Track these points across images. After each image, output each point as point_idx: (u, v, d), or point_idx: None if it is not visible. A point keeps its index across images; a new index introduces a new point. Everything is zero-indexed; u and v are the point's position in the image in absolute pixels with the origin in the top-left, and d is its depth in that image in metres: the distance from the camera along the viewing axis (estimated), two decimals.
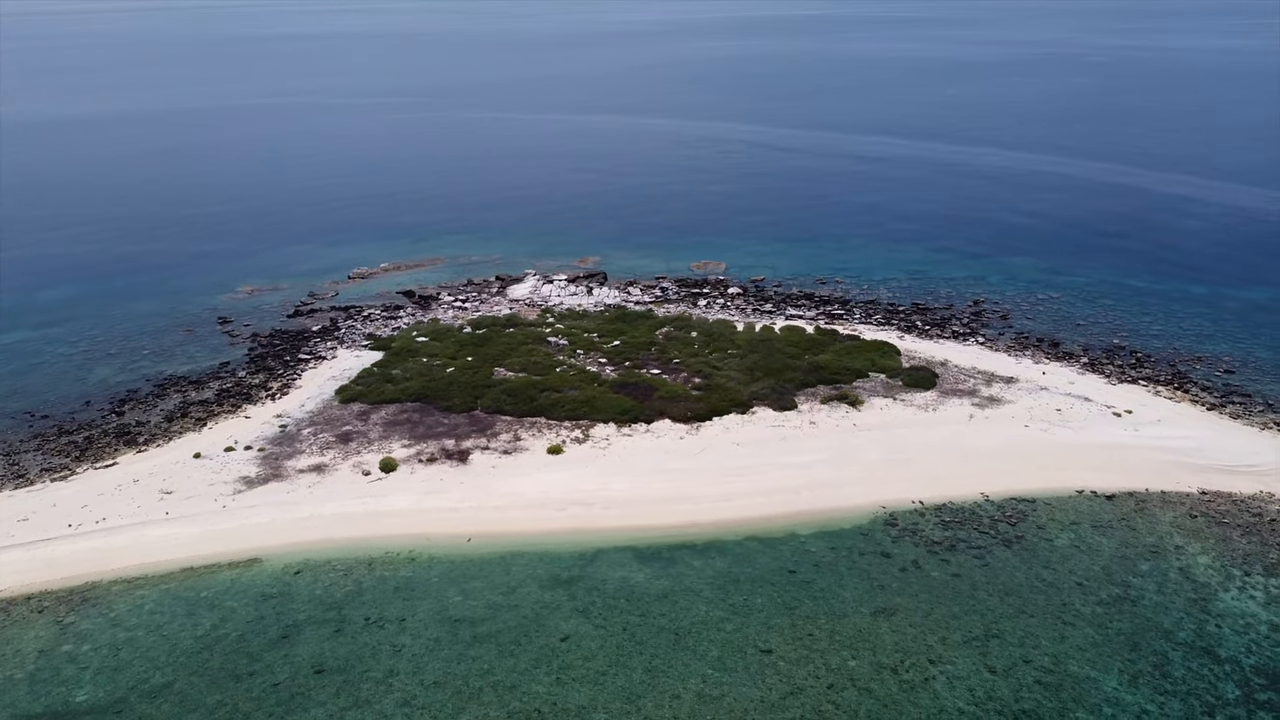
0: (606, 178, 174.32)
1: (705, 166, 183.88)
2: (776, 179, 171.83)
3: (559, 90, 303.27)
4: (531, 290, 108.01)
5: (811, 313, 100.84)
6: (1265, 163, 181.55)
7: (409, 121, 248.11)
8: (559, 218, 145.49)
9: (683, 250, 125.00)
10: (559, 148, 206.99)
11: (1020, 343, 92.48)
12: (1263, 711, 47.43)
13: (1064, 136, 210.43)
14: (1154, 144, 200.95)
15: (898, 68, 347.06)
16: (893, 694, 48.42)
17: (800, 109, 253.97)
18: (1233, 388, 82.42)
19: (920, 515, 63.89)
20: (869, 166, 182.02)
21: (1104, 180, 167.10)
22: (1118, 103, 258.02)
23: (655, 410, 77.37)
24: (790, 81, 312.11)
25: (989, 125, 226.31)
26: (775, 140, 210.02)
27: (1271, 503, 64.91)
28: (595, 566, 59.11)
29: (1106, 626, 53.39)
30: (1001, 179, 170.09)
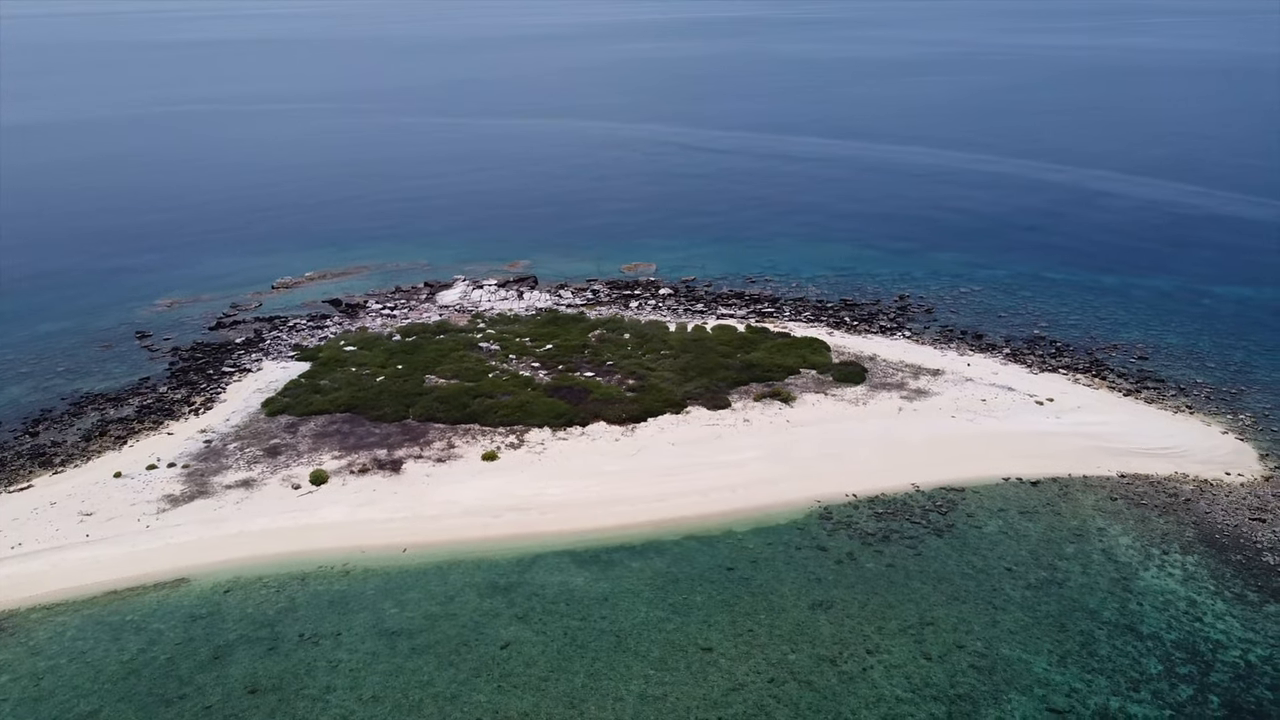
0: (535, 181, 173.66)
1: (633, 168, 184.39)
2: (704, 180, 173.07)
3: (482, 94, 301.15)
4: (461, 296, 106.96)
5: (742, 311, 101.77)
6: (1168, 156, 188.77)
7: (329, 128, 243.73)
8: (487, 222, 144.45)
9: (613, 252, 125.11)
10: (485, 151, 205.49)
11: (945, 335, 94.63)
12: (1184, 684, 49.25)
13: (980, 134, 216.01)
14: (1064, 140, 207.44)
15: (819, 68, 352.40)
16: (832, 685, 49.09)
17: (725, 110, 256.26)
18: (1146, 373, 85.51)
19: (854, 508, 64.91)
20: (793, 166, 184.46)
21: (1018, 175, 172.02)
22: (1030, 100, 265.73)
23: (590, 413, 77.24)
24: (715, 83, 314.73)
25: (908, 123, 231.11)
26: (701, 141, 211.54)
27: (1186, 483, 67.46)
28: (534, 572, 58.77)
29: (1035, 609, 54.90)
30: (922, 176, 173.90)
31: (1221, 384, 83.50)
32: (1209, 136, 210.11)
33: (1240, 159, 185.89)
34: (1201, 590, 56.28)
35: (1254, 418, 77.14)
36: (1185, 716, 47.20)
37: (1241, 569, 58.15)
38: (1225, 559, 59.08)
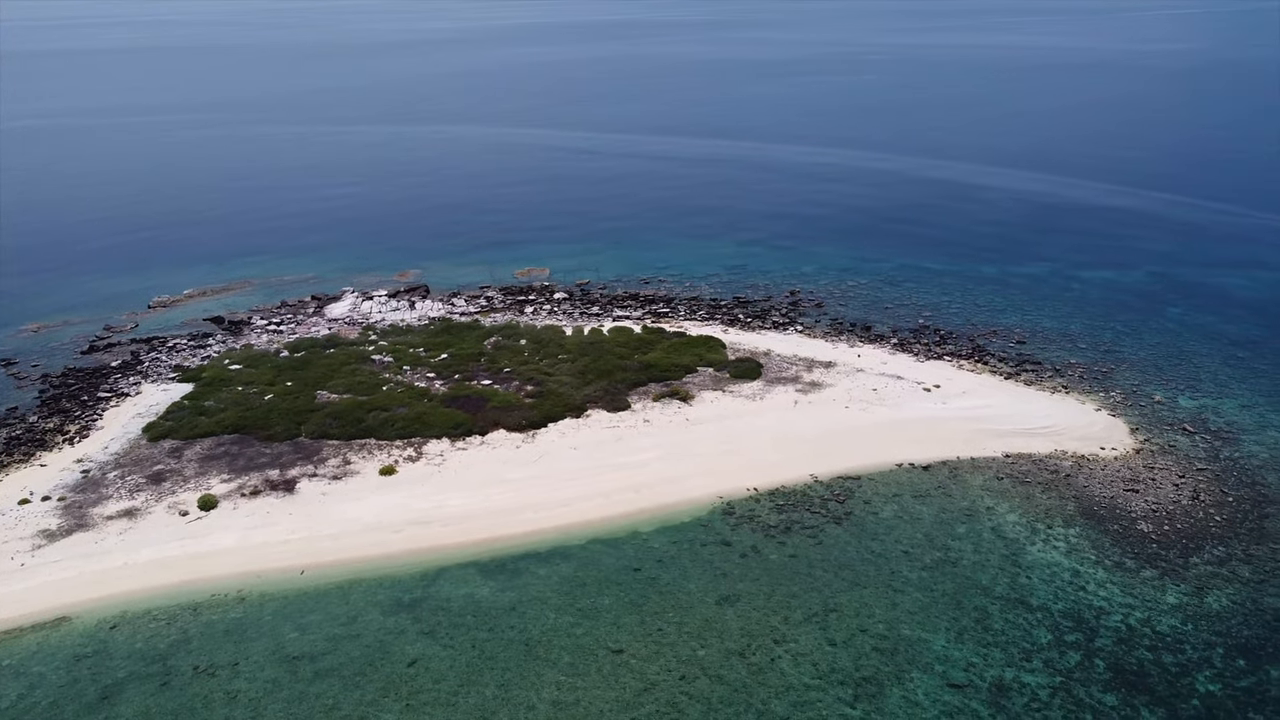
0: (420, 189, 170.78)
1: (521, 173, 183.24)
2: (594, 183, 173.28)
3: (360, 101, 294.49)
4: (351, 308, 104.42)
5: (638, 313, 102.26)
6: (1035, 148, 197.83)
7: (196, 140, 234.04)
8: (374, 232, 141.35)
9: (505, 258, 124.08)
10: (366, 160, 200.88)
11: (836, 328, 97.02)
12: (1072, 651, 51.68)
13: (860, 132, 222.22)
14: (941, 136, 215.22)
15: (702, 70, 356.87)
16: (742, 678, 49.73)
17: (610, 113, 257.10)
18: (1025, 356, 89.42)
19: (756, 502, 65.91)
20: (682, 167, 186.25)
21: (899, 171, 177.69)
22: (906, 98, 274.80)
23: (489, 421, 76.41)
24: (599, 86, 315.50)
25: (792, 123, 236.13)
26: (588, 144, 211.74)
27: (1065, 460, 70.78)
28: (439, 586, 57.78)
29: (932, 589, 56.76)
30: (806, 174, 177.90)
31: (1093, 363, 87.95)
32: (1072, 130, 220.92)
33: (1101, 150, 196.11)
34: (1084, 561, 59.13)
35: (1124, 394, 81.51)
36: (1074, 682, 49.51)
37: (1119, 538, 61.33)
38: (1104, 529, 62.23)
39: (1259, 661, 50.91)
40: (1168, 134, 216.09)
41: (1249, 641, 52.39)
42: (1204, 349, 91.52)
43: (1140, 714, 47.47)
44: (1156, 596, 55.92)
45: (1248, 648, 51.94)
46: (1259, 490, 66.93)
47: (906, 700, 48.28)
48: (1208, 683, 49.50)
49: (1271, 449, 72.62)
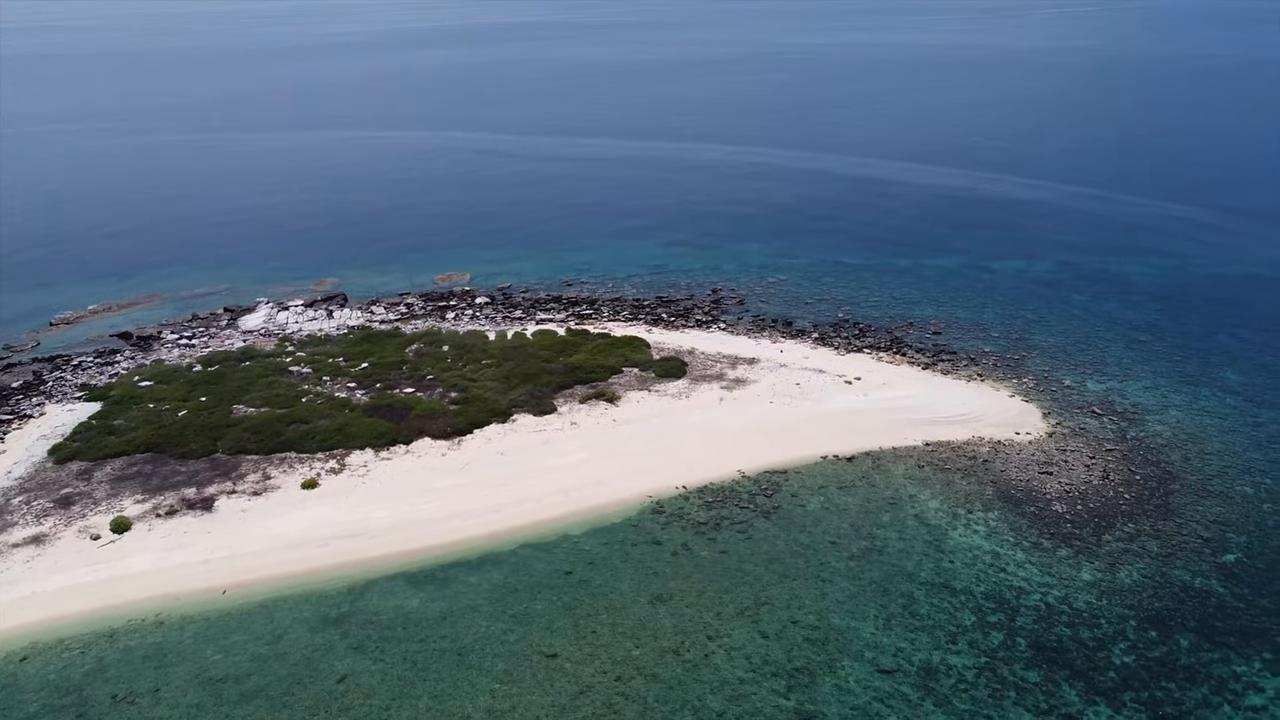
0: (334, 195, 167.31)
1: (438, 177, 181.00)
2: (511, 186, 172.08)
3: (268, 107, 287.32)
4: (266, 319, 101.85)
5: (561, 315, 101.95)
6: (945, 144, 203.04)
7: (98, 150, 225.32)
8: (288, 241, 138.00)
9: (425, 264, 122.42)
10: (277, 167, 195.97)
11: (758, 325, 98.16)
12: (995, 631, 53.22)
13: (774, 130, 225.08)
14: (853, 132, 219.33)
15: (617, 71, 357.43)
16: (677, 675, 49.97)
17: (527, 115, 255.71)
18: (941, 347, 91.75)
19: (685, 500, 66.29)
20: (598, 168, 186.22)
21: (814, 168, 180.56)
22: (819, 96, 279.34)
23: (413, 430, 75.32)
24: (514, 88, 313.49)
25: (707, 122, 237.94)
26: (506, 147, 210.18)
27: (983, 446, 72.83)
28: (367, 599, 56.75)
29: (859, 577, 57.85)
30: (722, 172, 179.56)
31: (1006, 351, 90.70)
32: (978, 125, 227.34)
33: (1007, 144, 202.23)
34: (1003, 543, 60.94)
35: (1035, 380, 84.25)
36: (998, 661, 50.98)
37: (1035, 519, 63.36)
38: (1021, 512, 64.22)
39: (1169, 632, 53.13)
40: (1067, 128, 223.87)
41: (1159, 613, 54.64)
42: (1108, 334, 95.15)
43: (1061, 689, 49.10)
44: (1072, 574, 57.92)
45: (1158, 619, 54.16)
46: (1164, 468, 69.86)
47: (838, 688, 49.12)
48: (1123, 655, 51.47)
49: (1173, 428, 75.87)
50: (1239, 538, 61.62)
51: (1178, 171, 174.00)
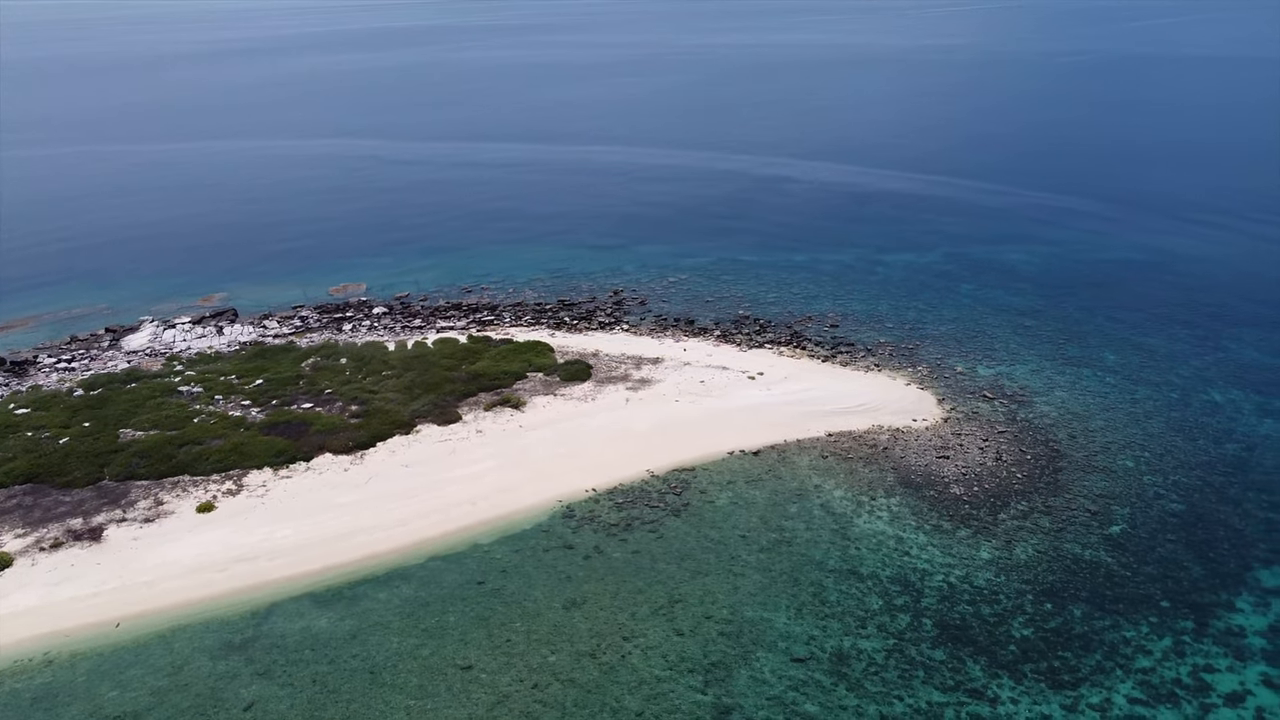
0: (221, 208, 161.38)
1: (329, 186, 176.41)
2: (407, 192, 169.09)
3: (147, 117, 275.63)
4: (151, 339, 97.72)
5: (462, 322, 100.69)
6: (835, 141, 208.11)
7: None
8: (171, 256, 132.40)
9: (318, 275, 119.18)
10: (158, 179, 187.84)
11: (661, 324, 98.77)
12: (902, 614, 54.71)
13: (670, 130, 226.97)
14: (746, 131, 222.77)
15: (511, 74, 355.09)
16: (595, 679, 49.86)
17: (420, 120, 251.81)
18: (839, 339, 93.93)
19: (595, 502, 66.21)
20: (496, 172, 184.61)
21: (709, 167, 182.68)
22: (712, 96, 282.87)
23: (313, 446, 73.31)
24: (407, 93, 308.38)
25: (603, 124, 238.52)
26: (399, 153, 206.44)
27: (882, 434, 74.81)
28: (271, 623, 54.96)
29: (770, 569, 58.72)
30: (620, 173, 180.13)
31: (900, 341, 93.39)
32: (867, 122, 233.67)
33: (894, 140, 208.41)
34: (906, 527, 62.70)
35: (929, 368, 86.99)
36: (906, 642, 52.43)
37: (935, 503, 65.40)
38: (921, 496, 66.20)
39: (1063, 603, 55.50)
40: (952, 124, 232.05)
41: (1053, 586, 57.03)
42: (995, 321, 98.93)
43: (966, 665, 50.78)
44: (972, 554, 59.98)
45: (1053, 591, 56.52)
46: (1052, 447, 72.98)
47: (754, 679, 49.76)
48: (1022, 628, 53.53)
49: (1059, 408, 79.34)
50: (1123, 509, 64.79)
51: (1054, 163, 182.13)
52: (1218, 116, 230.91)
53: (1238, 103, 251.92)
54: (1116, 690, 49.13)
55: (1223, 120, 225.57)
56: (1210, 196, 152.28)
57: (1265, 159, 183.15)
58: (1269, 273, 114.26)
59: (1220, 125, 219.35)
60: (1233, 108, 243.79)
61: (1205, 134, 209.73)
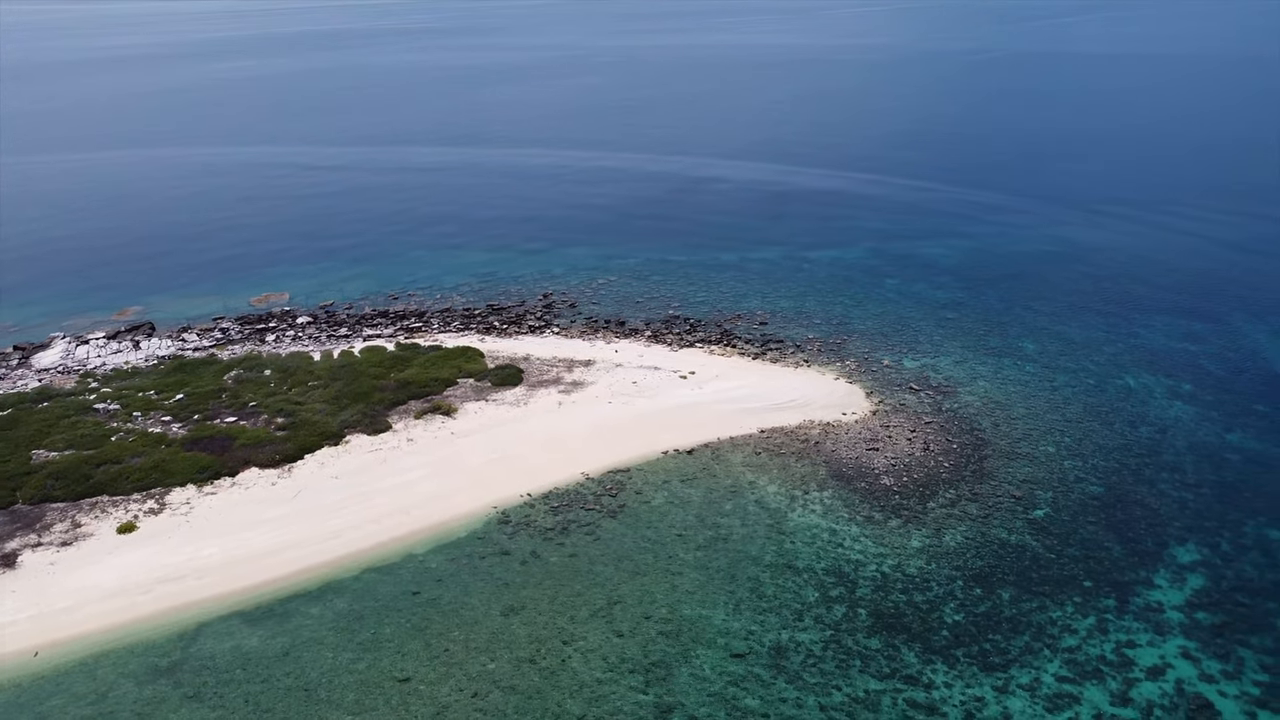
0: (132, 219, 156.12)
1: (247, 194, 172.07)
2: (328, 199, 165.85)
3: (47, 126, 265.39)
4: (64, 355, 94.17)
5: (390, 330, 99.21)
6: (759, 140, 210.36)
7: None
8: (82, 270, 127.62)
9: (239, 286, 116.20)
10: (63, 190, 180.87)
11: (591, 327, 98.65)
12: (837, 605, 55.54)
13: (594, 132, 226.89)
14: (671, 132, 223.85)
15: (429, 78, 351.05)
16: (535, 684, 49.57)
17: (335, 125, 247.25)
18: (768, 336, 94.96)
19: (531, 507, 65.83)
20: (419, 177, 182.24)
21: (635, 169, 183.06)
22: (634, 97, 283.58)
23: (238, 460, 71.47)
24: (324, 99, 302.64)
25: (526, 127, 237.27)
26: (318, 160, 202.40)
27: (814, 429, 75.84)
28: (200, 643, 53.41)
29: (707, 567, 59.07)
30: (544, 176, 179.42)
31: (828, 337, 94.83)
32: (789, 121, 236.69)
33: (816, 138, 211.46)
34: (839, 519, 63.68)
35: (857, 362, 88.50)
36: (842, 632, 53.25)
37: (866, 494, 66.55)
38: (853, 488, 67.29)
39: (992, 587, 56.96)
40: (872, 120, 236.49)
41: (982, 570, 58.50)
42: (919, 314, 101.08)
43: (900, 652, 51.77)
44: (903, 543, 61.18)
45: (981, 576, 57.97)
46: (977, 435, 74.84)
47: (694, 677, 50.01)
48: (953, 613, 54.78)
49: (982, 397, 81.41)
50: (1046, 494, 66.78)
51: (968, 159, 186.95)
52: (1118, 111, 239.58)
53: (1136, 97, 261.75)
54: (1045, 670, 50.61)
55: (1123, 114, 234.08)
56: (1115, 188, 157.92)
57: (1164, 151, 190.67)
58: (1173, 261, 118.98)
59: (1121, 119, 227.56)
60: (1131, 102, 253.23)
61: (1108, 128, 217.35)
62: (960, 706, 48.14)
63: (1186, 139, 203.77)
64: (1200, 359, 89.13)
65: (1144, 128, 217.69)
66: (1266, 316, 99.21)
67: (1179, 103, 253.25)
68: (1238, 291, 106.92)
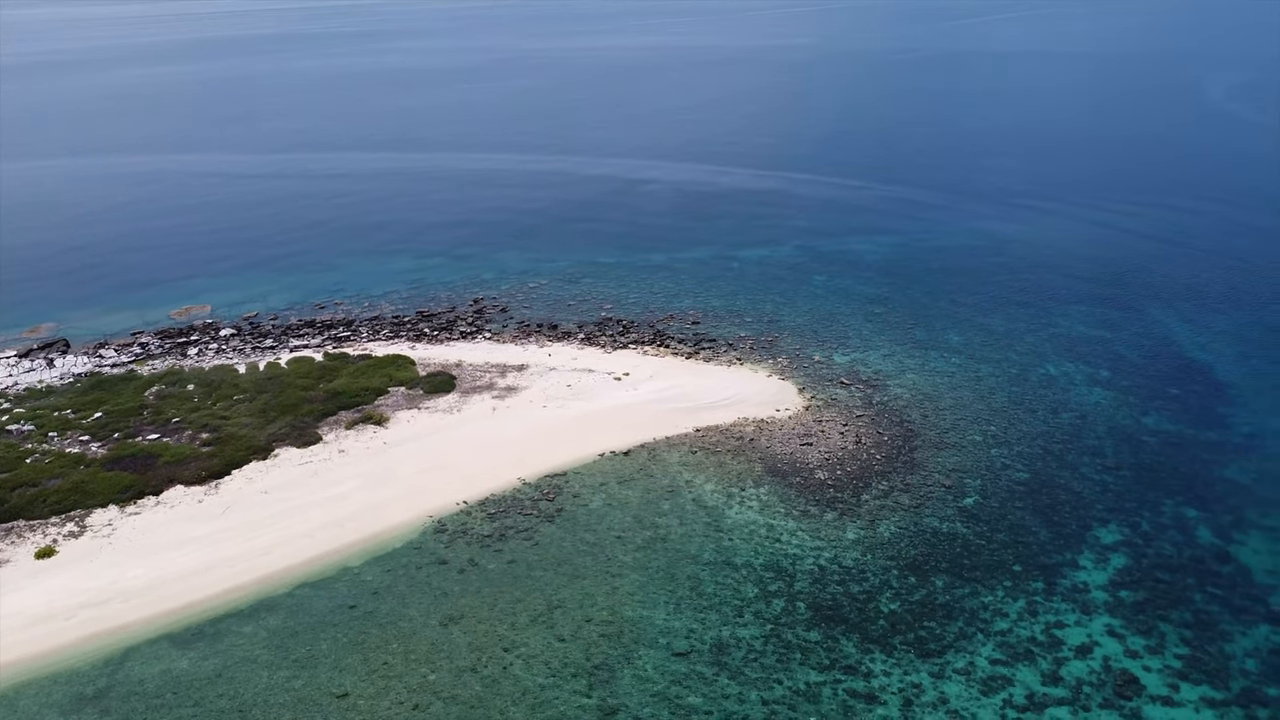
0: (41, 232, 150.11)
1: (161, 205, 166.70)
2: (248, 208, 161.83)
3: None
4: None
5: (317, 340, 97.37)
6: (687, 141, 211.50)
7: None
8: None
9: (158, 299, 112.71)
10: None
11: (524, 331, 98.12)
12: (776, 599, 56.13)
13: (523, 135, 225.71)
14: (599, 134, 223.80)
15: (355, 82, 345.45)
16: (477, 693, 49.10)
17: (260, 132, 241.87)
18: (701, 336, 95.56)
19: (467, 515, 65.20)
20: (340, 183, 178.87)
21: (564, 171, 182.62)
22: (565, 100, 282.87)
23: (162, 479, 69.42)
24: (243, 105, 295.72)
25: (454, 131, 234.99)
26: (237, 168, 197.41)
27: (748, 426, 76.53)
28: (128, 668, 51.73)
29: (647, 567, 59.19)
30: (472, 180, 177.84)
31: (759, 334, 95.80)
32: (717, 121, 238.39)
33: (744, 138, 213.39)
34: (775, 515, 64.35)
35: (789, 359, 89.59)
36: (782, 626, 53.80)
37: (802, 489, 67.38)
38: (788, 483, 68.07)
39: (926, 575, 58.14)
40: (796, 119, 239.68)
41: (916, 559, 59.67)
42: (847, 309, 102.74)
43: (839, 643, 52.52)
44: (839, 535, 62.09)
45: (915, 565, 59.13)
46: (907, 427, 76.35)
47: (638, 678, 50.06)
48: (889, 602, 55.78)
49: (911, 389, 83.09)
50: (974, 481, 68.42)
51: (891, 156, 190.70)
52: (1034, 107, 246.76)
53: (1050, 93, 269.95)
54: (979, 653, 51.83)
55: (1038, 110, 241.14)
56: (1030, 182, 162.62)
57: (1078, 145, 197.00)
58: (1086, 251, 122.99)
59: (1035, 115, 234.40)
60: (1045, 98, 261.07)
61: (1023, 123, 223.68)
62: (899, 694, 49.03)
63: (1096, 133, 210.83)
64: (1116, 345, 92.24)
65: (1056, 123, 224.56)
66: (1176, 303, 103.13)
67: (1091, 98, 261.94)
68: (1148, 279, 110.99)
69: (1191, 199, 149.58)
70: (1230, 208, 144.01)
